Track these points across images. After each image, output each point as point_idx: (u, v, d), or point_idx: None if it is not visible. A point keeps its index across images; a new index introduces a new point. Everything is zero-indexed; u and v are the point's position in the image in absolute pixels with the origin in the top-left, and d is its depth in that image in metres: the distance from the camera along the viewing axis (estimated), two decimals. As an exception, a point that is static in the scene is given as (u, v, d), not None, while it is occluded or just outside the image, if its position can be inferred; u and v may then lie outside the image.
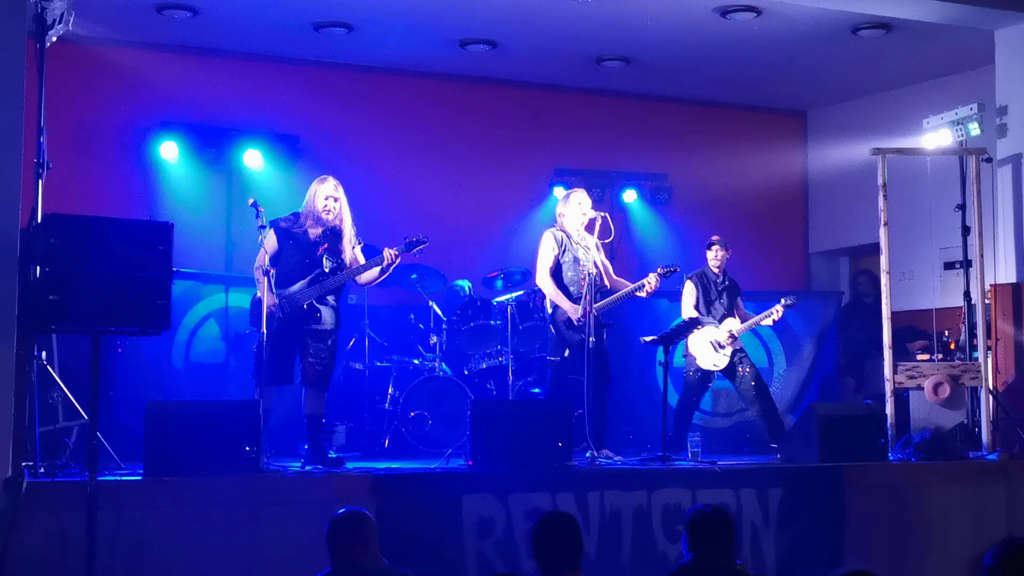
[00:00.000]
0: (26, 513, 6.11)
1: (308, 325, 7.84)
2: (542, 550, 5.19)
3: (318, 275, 7.88)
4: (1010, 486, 8.82)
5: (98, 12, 9.35)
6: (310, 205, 7.95)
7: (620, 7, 9.75)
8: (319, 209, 7.90)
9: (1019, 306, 9.41)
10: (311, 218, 7.92)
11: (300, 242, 7.89)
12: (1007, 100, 9.68)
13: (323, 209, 7.89)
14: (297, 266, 7.87)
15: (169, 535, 6.45)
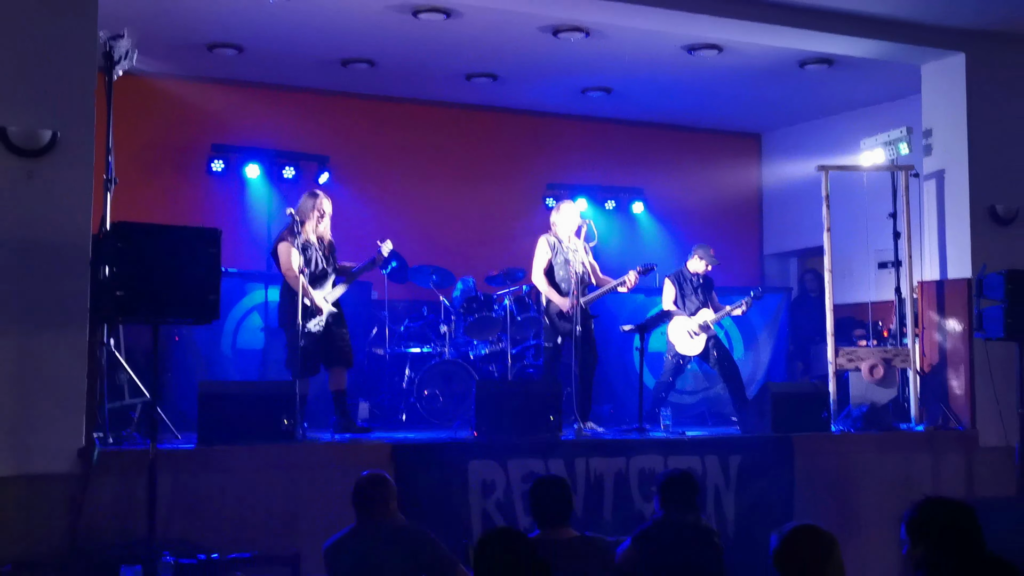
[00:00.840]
0: (97, 477, 6.16)
1: (331, 317, 7.89)
2: (538, 507, 5.21)
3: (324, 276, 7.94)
4: (934, 453, 8.85)
5: (157, 50, 9.39)
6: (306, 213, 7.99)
7: (603, 46, 9.75)
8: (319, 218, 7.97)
9: (942, 299, 9.41)
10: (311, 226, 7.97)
11: (311, 249, 7.93)
12: (931, 124, 9.68)
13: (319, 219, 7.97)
14: (316, 273, 7.91)
15: (218, 495, 6.48)
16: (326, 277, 8.02)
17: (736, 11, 8.56)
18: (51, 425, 6.18)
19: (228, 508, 6.46)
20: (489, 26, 9.25)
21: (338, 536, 5.11)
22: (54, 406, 6.20)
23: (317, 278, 7.95)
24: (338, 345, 7.99)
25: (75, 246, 6.36)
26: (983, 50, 9.38)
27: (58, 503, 6.09)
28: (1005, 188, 9.39)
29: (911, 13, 8.88)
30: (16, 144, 6.25)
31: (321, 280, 7.98)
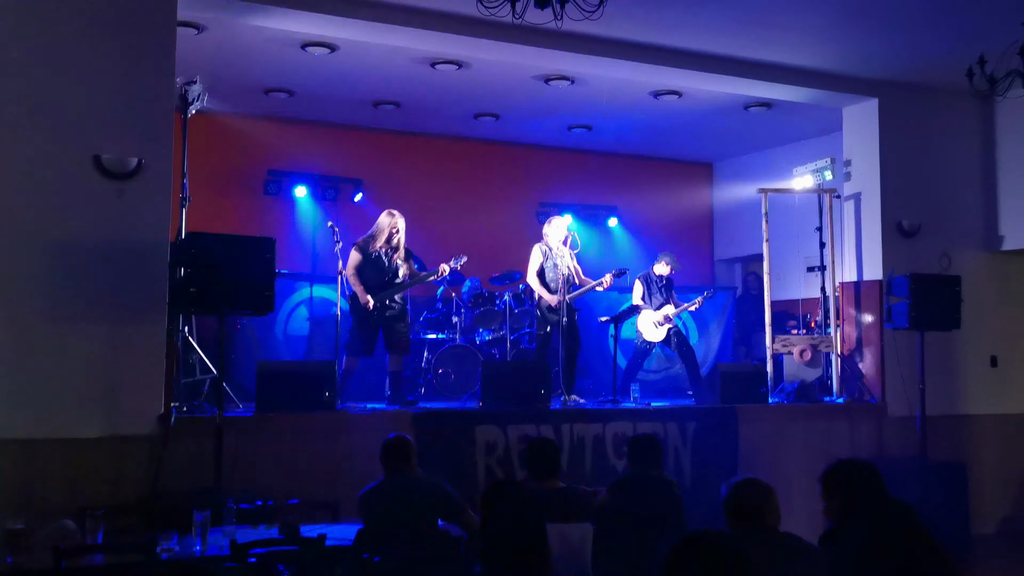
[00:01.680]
0: (173, 439, 6.15)
1: (388, 313, 7.87)
2: (531, 463, 5.20)
3: (392, 280, 7.93)
4: (851, 421, 8.84)
5: (223, 92, 9.33)
6: (382, 229, 7.97)
7: (585, 91, 9.74)
8: (387, 234, 7.94)
9: (858, 297, 9.41)
10: (383, 239, 7.94)
11: (378, 257, 7.92)
12: (851, 155, 9.67)
13: (392, 232, 7.94)
14: (377, 274, 7.91)
15: (272, 453, 6.48)
16: (389, 281, 7.99)
17: (693, 64, 8.56)
18: (136, 396, 6.17)
19: (280, 464, 6.46)
20: (493, 75, 9.24)
21: (370, 487, 5.10)
22: (139, 381, 6.19)
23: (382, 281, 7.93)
24: (396, 335, 7.98)
25: (156, 252, 6.35)
26: (892, 96, 9.38)
27: (142, 459, 6.09)
28: (909, 207, 9.39)
29: (835, 66, 8.88)
30: (109, 168, 6.24)
31: (384, 283, 7.95)
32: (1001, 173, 9.77)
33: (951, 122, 9.69)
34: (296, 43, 8.28)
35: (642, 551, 4.84)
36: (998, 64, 6.43)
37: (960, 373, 9.47)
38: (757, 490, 3.67)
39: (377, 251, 7.93)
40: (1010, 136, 9.70)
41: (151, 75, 6.46)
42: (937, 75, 8.99)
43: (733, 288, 12.15)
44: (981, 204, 9.82)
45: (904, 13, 7.57)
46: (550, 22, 5.42)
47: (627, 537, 5.03)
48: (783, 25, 7.81)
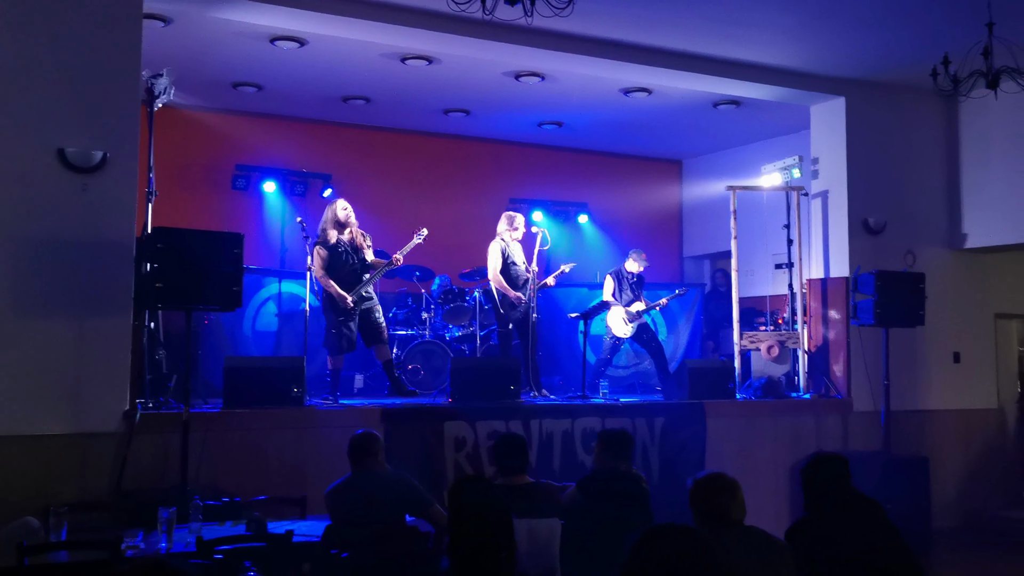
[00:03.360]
0: (138, 436, 6.09)
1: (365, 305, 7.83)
2: (500, 459, 5.20)
3: (361, 268, 7.90)
4: (817, 416, 8.93)
5: (191, 86, 9.29)
6: (331, 219, 7.91)
7: (555, 88, 9.74)
8: (341, 219, 7.90)
9: (825, 294, 9.49)
10: (337, 227, 7.89)
11: (343, 249, 7.87)
12: (818, 154, 9.76)
13: (344, 218, 7.90)
14: (346, 268, 7.86)
15: (239, 449, 6.44)
16: (359, 270, 7.95)
17: (663, 61, 8.60)
18: (101, 392, 6.11)
19: (247, 460, 6.42)
20: (463, 71, 9.22)
21: (337, 483, 5.08)
22: (104, 377, 6.13)
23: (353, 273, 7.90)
24: (374, 326, 7.96)
25: (121, 246, 6.28)
26: (859, 95, 9.47)
27: (106, 456, 6.03)
28: (876, 205, 9.49)
29: (803, 65, 8.95)
30: (73, 162, 6.16)
31: (354, 274, 7.91)
32: (964, 172, 9.91)
33: (916, 121, 9.81)
34: (265, 37, 8.22)
35: (610, 546, 4.86)
36: (962, 65, 6.52)
37: (923, 369, 9.60)
38: (723, 484, 3.69)
39: (340, 242, 7.89)
40: (973, 136, 9.84)
41: (117, 67, 6.39)
42: (903, 75, 9.10)
43: (702, 285, 12.21)
44: (945, 202, 9.95)
45: (871, 13, 7.65)
46: (520, 18, 5.42)
47: (595, 532, 5.04)
48: (752, 23, 7.86)
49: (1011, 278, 10.45)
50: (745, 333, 9.54)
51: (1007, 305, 10.46)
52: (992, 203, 9.62)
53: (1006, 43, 6.34)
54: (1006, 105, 8.28)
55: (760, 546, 3.55)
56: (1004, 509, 9.98)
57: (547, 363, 8.95)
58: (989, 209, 9.65)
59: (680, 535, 2.37)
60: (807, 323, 9.50)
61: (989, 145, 9.67)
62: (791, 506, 8.33)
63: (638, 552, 2.32)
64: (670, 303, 9.69)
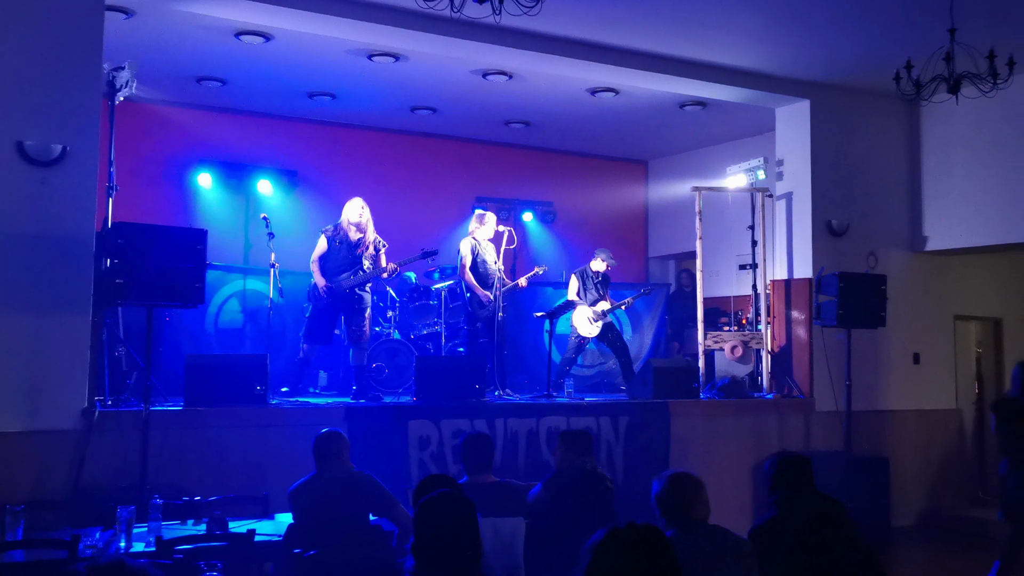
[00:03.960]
0: (97, 433, 6.01)
1: (350, 304, 7.79)
2: (466, 458, 5.19)
3: (357, 269, 7.86)
4: (780, 416, 9.00)
5: (153, 80, 9.18)
6: (346, 217, 7.95)
7: (523, 87, 9.74)
8: (352, 219, 7.89)
9: (789, 295, 9.57)
10: (350, 226, 7.89)
11: (343, 245, 7.84)
12: (783, 155, 9.83)
13: (356, 218, 7.89)
14: (343, 262, 7.83)
15: (201, 448, 6.37)
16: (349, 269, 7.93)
17: (630, 61, 8.62)
18: (59, 390, 6.01)
19: (209, 459, 6.35)
20: (430, 69, 9.18)
21: (301, 481, 5.04)
22: (61, 374, 6.03)
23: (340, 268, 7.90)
24: (356, 328, 7.92)
25: (81, 241, 6.19)
26: (824, 98, 9.56)
27: (64, 454, 5.93)
28: (839, 207, 9.59)
29: (768, 67, 9.02)
30: (32, 156, 6.06)
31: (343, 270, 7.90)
32: (925, 176, 10.04)
33: (879, 125, 9.92)
34: (230, 31, 8.13)
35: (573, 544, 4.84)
36: (924, 69, 6.60)
37: (884, 370, 9.72)
38: (688, 484, 3.71)
39: (344, 237, 7.89)
40: (934, 140, 9.97)
41: (78, 60, 6.29)
42: (867, 78, 9.20)
43: (667, 285, 12.27)
44: (906, 205, 10.08)
45: (837, 17, 7.72)
46: (488, 17, 5.40)
47: (559, 530, 5.05)
48: (719, 25, 7.91)
49: (970, 280, 10.62)
50: (709, 333, 9.60)
51: (966, 307, 10.62)
52: (952, 207, 9.76)
53: (968, 49, 6.43)
54: (967, 110, 8.40)
55: (724, 545, 3.57)
56: (962, 508, 10.14)
57: (512, 362, 8.95)
58: (949, 212, 9.79)
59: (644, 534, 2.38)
60: (770, 324, 9.58)
61: (950, 149, 9.80)
62: (754, 505, 8.40)
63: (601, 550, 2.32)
64: (635, 303, 9.72)
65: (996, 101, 7.21)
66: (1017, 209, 9.19)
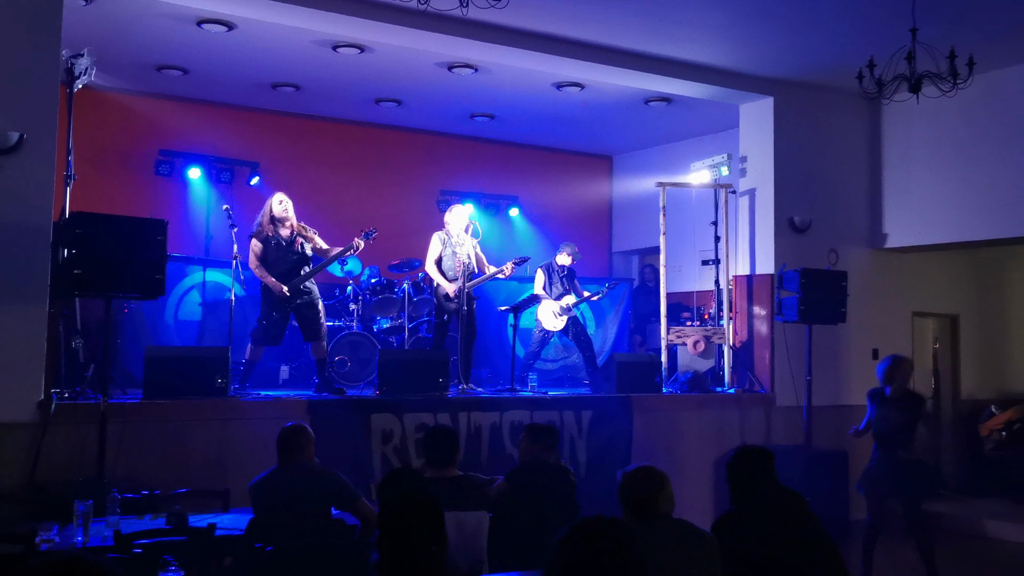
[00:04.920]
0: (54, 426, 5.92)
1: (299, 301, 7.69)
2: (429, 452, 5.17)
3: (300, 262, 7.74)
4: (741, 410, 9.08)
5: (113, 68, 9.05)
6: (268, 213, 7.77)
7: (488, 80, 9.72)
8: (276, 215, 7.74)
9: (751, 290, 9.66)
10: (272, 223, 7.74)
11: (278, 242, 7.72)
12: (747, 152, 9.91)
13: (280, 214, 7.74)
14: (284, 262, 7.70)
15: (160, 441, 6.29)
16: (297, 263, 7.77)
17: (596, 56, 8.63)
18: (14, 381, 5.90)
19: (168, 452, 6.28)
20: (395, 60, 9.13)
21: (262, 476, 4.99)
22: (17, 365, 5.92)
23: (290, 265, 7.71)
24: (311, 323, 7.78)
25: (38, 231, 6.08)
26: (788, 95, 9.65)
27: (19, 448, 5.83)
28: (801, 204, 9.68)
29: (733, 64, 9.08)
30: (-13, 142, 5.94)
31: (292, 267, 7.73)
32: (886, 174, 10.17)
33: (842, 123, 10.03)
34: (191, 19, 8.03)
35: (537, 538, 4.86)
36: (886, 68, 6.67)
37: (844, 365, 9.84)
38: (652, 478, 3.72)
39: (276, 236, 7.74)
40: (895, 138, 10.10)
41: (35, 46, 6.18)
42: (830, 77, 9.29)
43: (630, 279, 12.32)
44: (867, 203, 10.20)
45: (801, 15, 7.79)
46: (455, 9, 5.38)
47: (523, 524, 5.05)
48: (684, 21, 7.94)
49: (928, 278, 10.78)
50: (672, 328, 9.66)
51: (923, 304, 10.78)
52: (912, 205, 9.89)
53: (929, 49, 6.51)
54: (927, 110, 8.52)
55: (687, 538, 3.59)
56: (918, 502, 10.28)
57: (476, 356, 8.93)
58: (909, 211, 9.92)
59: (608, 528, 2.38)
60: (733, 319, 9.65)
61: (910, 149, 9.94)
62: (716, 499, 8.47)
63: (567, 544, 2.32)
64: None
65: (955, 101, 7.32)
66: (973, 208, 9.35)
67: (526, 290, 9.76)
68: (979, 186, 9.30)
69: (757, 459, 4.14)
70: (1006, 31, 8.13)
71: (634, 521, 3.59)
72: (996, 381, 11.50)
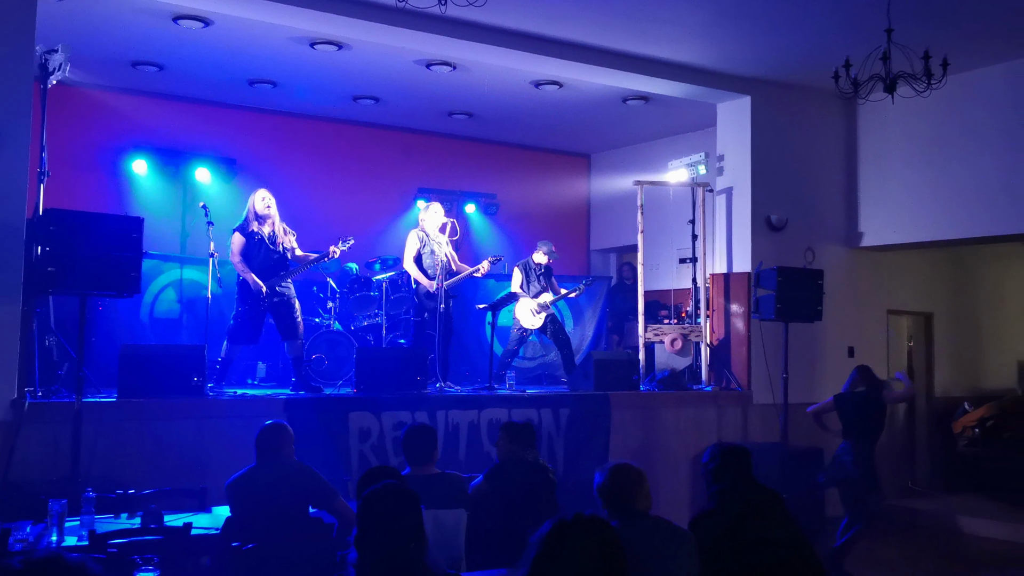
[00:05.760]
0: (27, 425, 5.87)
1: (276, 300, 7.65)
2: (408, 450, 5.17)
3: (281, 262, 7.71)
4: (719, 408, 9.13)
5: (88, 64, 8.98)
6: (251, 210, 7.74)
7: (467, 78, 9.71)
8: (259, 212, 7.72)
9: (728, 288, 9.71)
10: (256, 220, 7.71)
11: (261, 239, 7.68)
12: (724, 151, 9.96)
13: (263, 211, 7.71)
14: (266, 261, 7.67)
15: (135, 440, 6.25)
16: (278, 263, 7.73)
17: (574, 55, 8.64)
18: (-13, 380, 5.85)
19: (145, 451, 6.23)
20: (373, 58, 9.11)
21: (239, 474, 4.96)
22: (-10, 364, 5.87)
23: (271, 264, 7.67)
24: (288, 322, 7.75)
25: (11, 228, 6.03)
26: (765, 95, 9.70)
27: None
28: (778, 202, 9.74)
29: (710, 63, 9.12)
30: (-41, 138, 5.88)
31: (273, 266, 7.69)
32: (862, 173, 10.26)
33: (818, 122, 10.10)
34: (167, 15, 7.97)
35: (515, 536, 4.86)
36: (862, 68, 6.73)
37: (820, 363, 9.91)
38: (630, 475, 3.74)
39: (259, 233, 7.71)
40: (870, 138, 10.19)
41: (9, 41, 6.13)
42: (807, 76, 9.35)
43: (608, 277, 12.34)
44: (843, 202, 10.28)
45: (778, 15, 7.84)
46: (434, 6, 5.38)
47: (501, 522, 5.06)
48: (663, 20, 7.97)
49: (903, 276, 10.88)
50: (649, 326, 9.69)
51: (898, 302, 10.89)
52: (887, 204, 9.98)
53: (904, 49, 6.57)
54: (902, 110, 8.59)
55: (666, 536, 3.61)
56: (892, 498, 10.37)
57: (454, 354, 8.93)
58: (884, 210, 10.01)
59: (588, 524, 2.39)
60: (710, 317, 9.70)
61: (886, 148, 10.03)
62: (693, 496, 8.51)
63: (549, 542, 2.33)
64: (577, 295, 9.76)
65: (930, 102, 7.40)
66: (947, 207, 9.44)
67: (503, 288, 9.77)
68: (953, 186, 9.40)
69: (735, 456, 4.17)
70: (979, 33, 8.23)
71: (612, 518, 3.61)
72: (969, 378, 11.64)
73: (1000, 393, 11.44)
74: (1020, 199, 8.90)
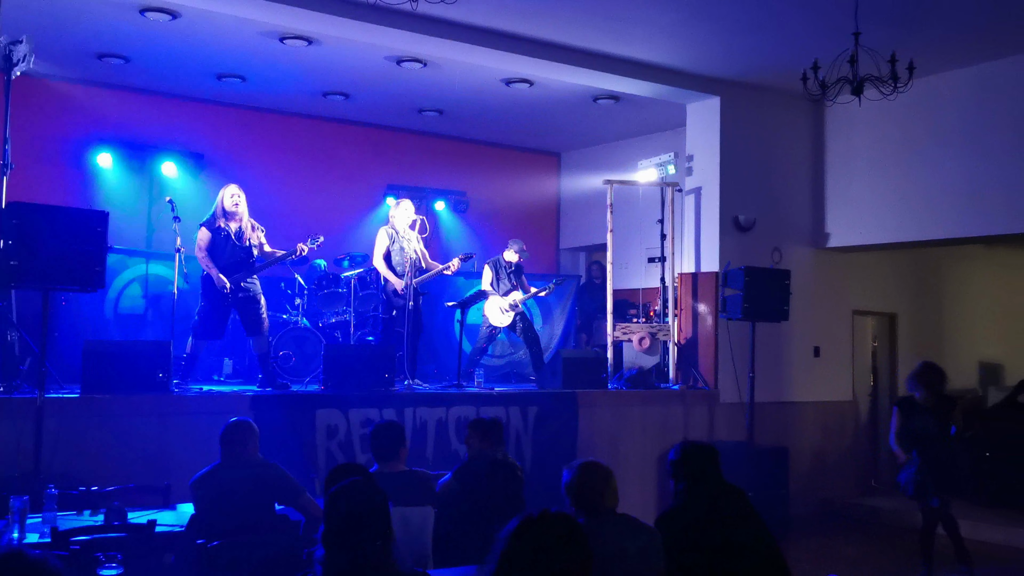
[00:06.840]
0: (-11, 421, 5.77)
1: (241, 295, 7.60)
2: (376, 447, 5.15)
3: (247, 258, 7.65)
4: (686, 407, 9.19)
5: (53, 55, 8.86)
6: (219, 205, 7.68)
7: (437, 75, 9.70)
8: (227, 208, 7.65)
9: (696, 288, 9.77)
10: (223, 216, 7.65)
11: (227, 235, 7.61)
12: (693, 151, 10.02)
13: (231, 207, 7.65)
14: (232, 257, 7.61)
15: (98, 436, 6.18)
16: (244, 259, 7.66)
17: (545, 53, 8.66)
18: (-53, 375, 5.75)
19: (107, 447, 6.17)
20: (344, 54, 9.07)
21: (204, 471, 4.92)
22: (-50, 359, 5.78)
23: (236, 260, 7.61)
24: (253, 317, 7.69)
25: (-27, 220, 5.92)
26: (734, 95, 9.77)
27: (-48, 443, 5.69)
28: (746, 203, 9.81)
29: (680, 63, 9.17)
30: (-80, 129, 5.77)
31: (239, 262, 7.63)
32: (828, 175, 10.37)
33: (786, 124, 10.19)
34: (134, 7, 7.88)
35: (482, 533, 4.88)
36: (830, 71, 6.79)
37: (786, 362, 10.01)
38: (598, 473, 3.75)
39: (226, 228, 7.64)
40: (837, 140, 10.30)
41: (-29, 30, 6.02)
42: (775, 78, 9.43)
43: (577, 276, 12.37)
44: (810, 203, 10.39)
45: (748, 16, 7.90)
46: (405, 3, 5.36)
47: (469, 519, 5.06)
48: (634, 20, 8.00)
49: (868, 277, 11.01)
50: (618, 325, 9.73)
51: (864, 302, 11.01)
52: (853, 205, 10.10)
53: (871, 53, 6.65)
54: (869, 113, 8.70)
55: (632, 533, 3.63)
56: (856, 497, 10.53)
57: (422, 352, 8.91)
58: (850, 211, 10.12)
59: (555, 521, 2.40)
60: (678, 316, 9.76)
61: (852, 150, 10.14)
62: (659, 494, 8.57)
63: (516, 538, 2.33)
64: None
65: (896, 105, 7.49)
66: (911, 209, 9.57)
67: (474, 286, 9.76)
68: (918, 188, 9.53)
69: (701, 454, 4.20)
70: (945, 37, 8.34)
71: (580, 516, 3.62)
72: (932, 379, 11.77)
73: (961, 393, 11.60)
74: (983, 202, 9.04)
